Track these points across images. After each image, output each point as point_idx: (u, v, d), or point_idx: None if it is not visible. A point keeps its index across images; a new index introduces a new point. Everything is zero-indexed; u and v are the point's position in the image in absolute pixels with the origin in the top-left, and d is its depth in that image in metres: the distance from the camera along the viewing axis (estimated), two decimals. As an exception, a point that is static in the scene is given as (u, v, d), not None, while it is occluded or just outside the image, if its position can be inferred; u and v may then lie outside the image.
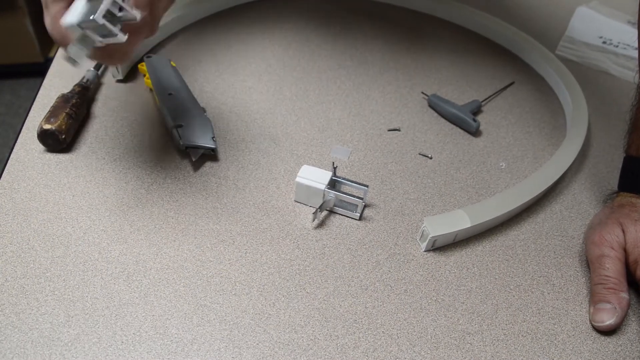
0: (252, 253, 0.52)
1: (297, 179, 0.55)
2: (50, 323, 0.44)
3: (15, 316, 0.45)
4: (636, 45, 0.62)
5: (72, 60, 0.44)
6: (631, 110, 0.60)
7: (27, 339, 0.43)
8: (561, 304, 0.51)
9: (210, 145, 0.58)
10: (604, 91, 0.79)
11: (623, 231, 0.52)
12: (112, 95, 0.66)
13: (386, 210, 0.57)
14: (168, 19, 0.75)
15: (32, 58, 1.96)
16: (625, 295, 0.49)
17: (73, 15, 0.41)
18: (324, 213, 0.56)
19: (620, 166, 0.59)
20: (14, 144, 0.59)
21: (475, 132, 0.68)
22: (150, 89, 0.67)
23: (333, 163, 0.59)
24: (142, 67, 0.68)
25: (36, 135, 0.57)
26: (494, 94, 0.74)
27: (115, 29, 0.42)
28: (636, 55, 0.83)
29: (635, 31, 0.62)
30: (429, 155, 0.64)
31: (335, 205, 0.56)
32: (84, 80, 0.64)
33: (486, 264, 0.53)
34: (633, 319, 0.50)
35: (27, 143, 0.59)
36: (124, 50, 0.45)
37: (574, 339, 0.48)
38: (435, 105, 0.70)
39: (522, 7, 0.96)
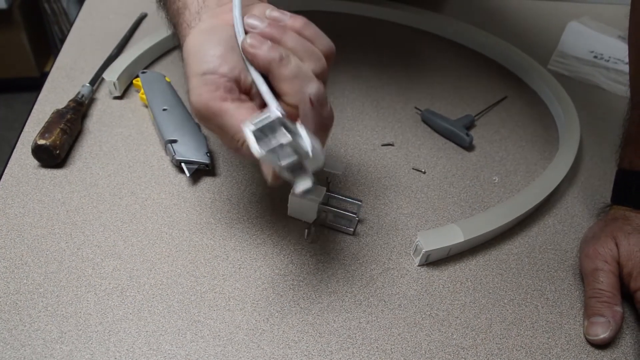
0: (246, 268, 0.51)
1: (291, 194, 0.55)
2: (43, 339, 0.44)
3: (8, 332, 0.44)
4: (627, 59, 0.62)
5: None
6: (624, 124, 0.60)
7: (20, 356, 0.43)
8: (555, 318, 0.51)
9: (204, 160, 0.59)
10: (595, 105, 0.80)
11: (616, 244, 0.52)
12: (106, 111, 0.67)
13: (380, 225, 0.57)
14: (164, 36, 0.75)
15: (27, 72, 1.97)
16: (619, 308, 0.49)
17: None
18: (318, 228, 0.56)
19: (612, 179, 0.59)
20: (9, 159, 0.59)
21: (469, 147, 0.68)
22: (145, 105, 0.67)
23: (327, 178, 0.59)
24: (137, 82, 0.68)
25: (30, 151, 0.57)
26: (486, 108, 0.75)
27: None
28: (627, 69, 0.84)
29: (626, 46, 0.62)
30: (423, 170, 0.64)
31: (329, 220, 0.56)
32: (79, 96, 0.64)
33: (480, 278, 0.54)
34: (627, 333, 0.50)
35: (22, 158, 0.59)
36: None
37: (568, 352, 0.48)
38: (429, 120, 0.71)
39: (514, 22, 0.97)
